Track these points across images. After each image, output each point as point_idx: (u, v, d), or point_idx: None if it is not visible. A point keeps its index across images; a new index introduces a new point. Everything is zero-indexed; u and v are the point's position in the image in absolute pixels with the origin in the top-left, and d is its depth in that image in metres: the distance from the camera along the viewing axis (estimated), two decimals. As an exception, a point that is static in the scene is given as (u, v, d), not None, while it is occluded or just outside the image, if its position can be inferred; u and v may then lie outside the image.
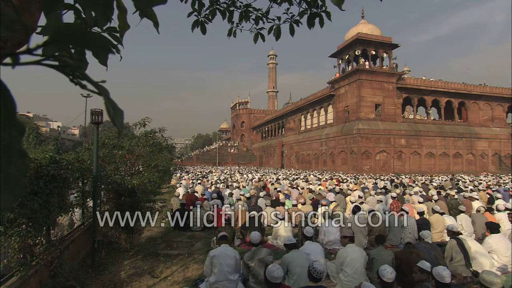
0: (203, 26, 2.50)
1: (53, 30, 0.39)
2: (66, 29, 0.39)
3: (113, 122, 0.45)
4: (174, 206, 9.90)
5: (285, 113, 53.38)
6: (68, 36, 0.39)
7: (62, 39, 0.40)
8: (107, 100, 0.44)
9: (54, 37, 0.39)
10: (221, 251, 4.37)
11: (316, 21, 2.21)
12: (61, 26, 0.40)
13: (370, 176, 23.17)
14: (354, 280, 4.08)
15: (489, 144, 37.03)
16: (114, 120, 0.45)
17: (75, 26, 0.50)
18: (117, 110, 0.45)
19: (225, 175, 23.31)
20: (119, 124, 0.46)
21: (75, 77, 0.44)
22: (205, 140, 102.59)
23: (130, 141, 7.01)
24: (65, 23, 0.42)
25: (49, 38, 0.40)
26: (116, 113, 0.45)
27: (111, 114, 0.44)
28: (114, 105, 0.44)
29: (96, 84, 0.44)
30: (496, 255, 5.09)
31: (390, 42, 33.67)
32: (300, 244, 5.41)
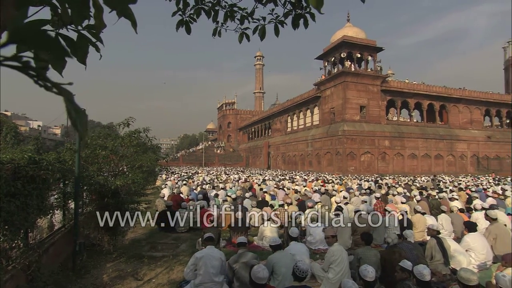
0: (187, 26, 2.48)
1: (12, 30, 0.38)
2: (25, 30, 0.38)
3: (74, 125, 0.44)
4: (159, 207, 9.76)
5: (272, 114, 53.58)
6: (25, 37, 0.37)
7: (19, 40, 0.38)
8: (69, 103, 0.42)
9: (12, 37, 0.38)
10: (207, 253, 4.34)
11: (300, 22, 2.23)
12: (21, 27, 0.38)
13: (355, 177, 23.53)
14: (342, 279, 4.13)
15: (468, 146, 38.29)
16: (76, 124, 0.44)
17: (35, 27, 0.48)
18: (80, 113, 0.43)
19: (211, 176, 23.18)
20: (81, 128, 0.44)
21: (39, 79, 0.42)
22: (191, 140, 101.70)
23: (114, 141, 6.87)
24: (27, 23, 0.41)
25: (6, 38, 0.38)
26: (79, 116, 0.43)
27: (72, 118, 0.42)
28: (77, 108, 0.43)
29: (58, 86, 0.43)
30: (474, 253, 5.26)
31: (374, 45, 34.35)
32: (286, 245, 5.43)
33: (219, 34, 2.71)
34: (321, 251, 6.21)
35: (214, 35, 2.71)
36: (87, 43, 0.71)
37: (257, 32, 2.48)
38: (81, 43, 0.69)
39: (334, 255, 4.36)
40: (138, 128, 7.71)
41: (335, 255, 4.35)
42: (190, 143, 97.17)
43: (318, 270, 4.65)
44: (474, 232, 5.55)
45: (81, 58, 0.63)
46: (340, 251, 4.40)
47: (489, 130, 41.28)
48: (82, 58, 0.63)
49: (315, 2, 0.86)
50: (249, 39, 2.61)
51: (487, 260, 5.23)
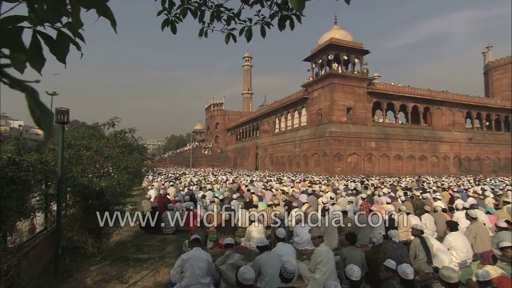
0: (173, 26, 2.45)
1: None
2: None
3: (38, 124, 0.42)
4: (145, 209, 9.63)
5: (260, 115, 53.65)
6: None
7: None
8: (33, 101, 0.41)
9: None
10: (193, 254, 4.31)
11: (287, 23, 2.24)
12: None
13: (341, 177, 23.80)
14: (328, 279, 4.17)
15: (450, 147, 39.34)
16: (40, 123, 0.42)
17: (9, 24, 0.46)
18: (45, 112, 0.42)
19: (199, 177, 23.01)
20: (46, 127, 0.42)
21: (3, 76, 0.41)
22: (178, 141, 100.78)
23: (99, 141, 6.73)
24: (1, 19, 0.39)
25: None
26: (44, 115, 0.41)
27: (36, 116, 0.41)
28: (42, 106, 0.41)
29: (21, 83, 0.41)
30: (455, 251, 5.40)
31: (361, 48, 34.89)
32: (273, 246, 5.45)
33: (205, 34, 2.69)
34: (308, 251, 6.25)
35: (200, 35, 2.68)
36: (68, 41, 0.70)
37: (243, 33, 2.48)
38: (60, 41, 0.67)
39: (321, 255, 4.39)
40: (124, 129, 7.58)
41: (322, 255, 4.39)
42: (177, 143, 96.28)
43: (305, 270, 4.68)
44: (456, 231, 5.70)
45: (61, 56, 0.61)
46: (327, 252, 4.44)
47: (470, 132, 42.51)
48: (61, 57, 0.61)
49: (297, 4, 0.87)
50: (235, 40, 2.60)
51: (468, 258, 5.39)
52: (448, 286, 3.26)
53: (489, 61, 53.54)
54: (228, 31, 2.57)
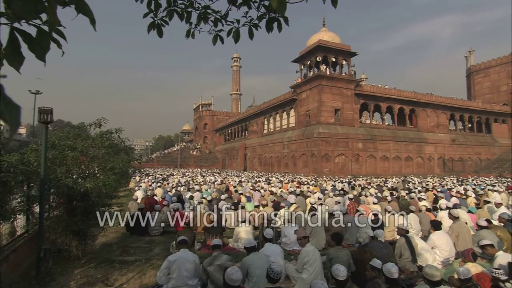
0: (159, 29, 2.42)
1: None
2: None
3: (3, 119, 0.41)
4: (131, 210, 9.49)
5: (249, 116, 53.66)
6: None
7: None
8: None
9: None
10: (180, 256, 4.27)
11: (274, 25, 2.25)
12: None
13: (329, 178, 24.03)
14: (315, 279, 4.20)
15: (435, 148, 40.27)
16: (5, 117, 0.41)
17: None
18: (11, 106, 0.40)
19: (187, 178, 22.83)
20: (12, 122, 0.41)
21: None
22: (166, 141, 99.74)
23: (84, 142, 6.61)
24: None
25: None
26: (10, 109, 0.40)
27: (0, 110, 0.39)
28: (8, 100, 0.40)
29: None
30: (438, 250, 5.53)
31: (349, 50, 35.35)
32: (261, 246, 5.45)
33: (192, 36, 2.67)
34: (295, 252, 6.28)
35: (187, 36, 2.66)
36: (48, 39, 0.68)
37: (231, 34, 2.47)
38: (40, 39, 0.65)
39: (307, 255, 4.42)
40: (110, 129, 7.46)
41: (308, 255, 4.42)
42: (165, 144, 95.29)
43: (292, 271, 4.70)
44: (439, 231, 5.83)
45: (40, 54, 0.59)
46: (313, 252, 4.48)
47: (453, 134, 43.61)
48: (40, 55, 0.59)
49: (278, 6, 0.87)
50: (223, 42, 2.59)
51: (450, 256, 5.52)
52: (431, 284, 3.34)
53: (471, 65, 55.06)
54: (215, 33, 2.56)
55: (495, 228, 6.14)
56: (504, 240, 5.79)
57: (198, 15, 2.41)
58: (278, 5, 0.86)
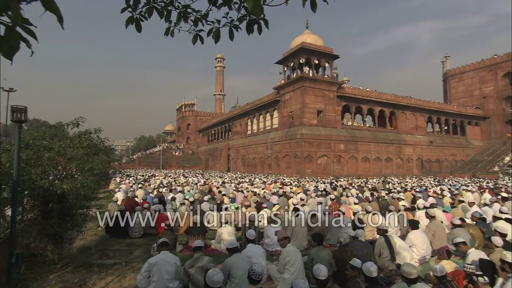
0: (138, 24, 2.38)
1: None
2: None
3: None
4: (111, 212, 9.26)
5: (232, 117, 53.54)
6: None
7: None
8: None
9: None
10: (161, 258, 4.21)
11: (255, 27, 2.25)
12: None
13: (312, 179, 24.30)
14: (297, 278, 4.23)
15: (413, 149, 41.53)
16: None
17: None
18: None
19: (169, 179, 22.51)
20: None
21: None
22: (148, 142, 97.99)
23: (61, 142, 6.39)
24: None
25: None
26: None
27: None
28: None
29: None
30: (416, 248, 5.70)
31: (331, 53, 35.93)
32: (243, 247, 5.44)
33: (171, 34, 2.63)
34: (278, 252, 6.30)
35: (166, 34, 2.62)
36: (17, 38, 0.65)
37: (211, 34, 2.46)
38: (8, 37, 0.62)
39: (288, 255, 4.46)
40: (89, 129, 7.25)
41: (289, 255, 4.45)
42: (147, 144, 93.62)
43: (274, 271, 4.72)
44: (417, 230, 6.01)
45: (8, 53, 0.56)
46: (294, 252, 4.51)
47: (431, 136, 45.14)
48: (8, 54, 0.56)
49: (254, 8, 0.88)
50: (202, 42, 2.57)
51: (427, 254, 5.70)
52: (408, 281, 3.44)
53: (447, 69, 57.15)
54: (195, 32, 2.54)
55: (468, 226, 6.40)
56: (476, 237, 6.04)
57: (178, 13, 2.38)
58: (253, 7, 0.86)
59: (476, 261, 4.37)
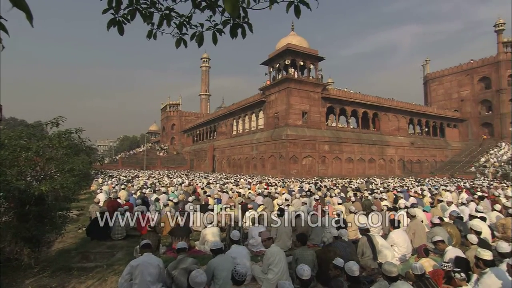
0: (120, 26, 2.33)
1: None
2: None
3: None
4: (93, 214, 9.04)
5: (217, 117, 53.28)
6: None
7: None
8: None
9: None
10: (144, 260, 4.14)
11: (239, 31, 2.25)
12: None
13: (296, 179, 24.48)
14: (281, 279, 4.25)
15: (396, 151, 42.53)
16: None
17: None
18: None
19: (153, 180, 22.17)
20: None
21: None
22: (132, 142, 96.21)
23: (40, 142, 6.18)
24: None
25: None
26: None
27: None
28: None
29: None
30: (397, 247, 5.83)
31: (316, 54, 36.34)
32: (228, 248, 5.43)
33: (154, 37, 2.59)
34: (262, 253, 6.30)
35: (149, 37, 2.57)
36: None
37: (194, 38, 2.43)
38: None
39: (272, 256, 4.47)
40: (69, 128, 7.04)
41: (273, 256, 4.47)
42: (130, 145, 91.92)
43: (258, 272, 4.73)
44: (398, 229, 6.16)
45: None
46: (277, 252, 4.53)
47: (412, 137, 46.38)
48: None
49: (231, 9, 0.88)
50: (186, 45, 2.54)
51: (408, 253, 5.85)
52: (389, 280, 3.52)
53: (427, 73, 58.89)
54: (179, 36, 2.50)
55: (446, 225, 6.61)
56: (453, 236, 6.24)
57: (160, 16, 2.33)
58: (232, 9, 0.87)
59: (453, 258, 4.52)
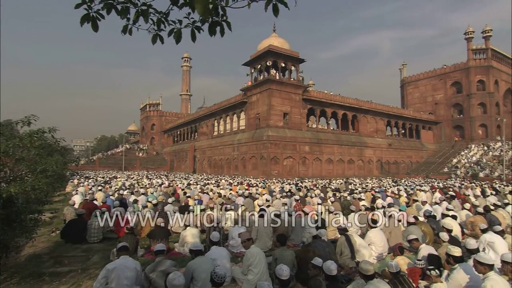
0: (94, 22, 2.25)
1: None
2: None
3: None
4: (67, 216, 8.73)
5: (199, 117, 52.82)
6: None
7: None
8: None
9: None
10: (120, 263, 4.04)
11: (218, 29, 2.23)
12: None
13: (278, 180, 24.64)
14: (261, 279, 4.26)
15: (374, 152, 43.67)
16: None
17: None
18: None
19: (132, 181, 21.66)
20: None
21: None
22: (110, 142, 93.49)
23: (9, 141, 5.89)
24: None
25: None
26: None
27: None
28: None
29: None
30: (374, 246, 5.98)
31: (297, 56, 36.74)
32: (208, 250, 5.38)
33: (129, 32, 2.52)
34: (242, 254, 6.29)
35: (124, 32, 2.51)
36: None
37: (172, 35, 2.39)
38: None
39: (252, 257, 4.48)
40: (42, 128, 6.75)
41: (253, 257, 4.47)
42: (108, 145, 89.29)
43: (238, 273, 4.72)
44: (375, 228, 6.32)
45: None
46: (257, 253, 4.54)
47: (389, 139, 47.81)
48: None
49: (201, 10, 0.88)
50: (163, 41, 2.50)
51: (384, 251, 6.01)
52: (366, 278, 3.61)
53: (404, 76, 60.92)
54: (155, 32, 2.46)
55: (420, 223, 6.85)
56: (427, 234, 6.48)
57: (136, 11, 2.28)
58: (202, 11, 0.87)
59: (426, 256, 4.70)
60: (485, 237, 5.55)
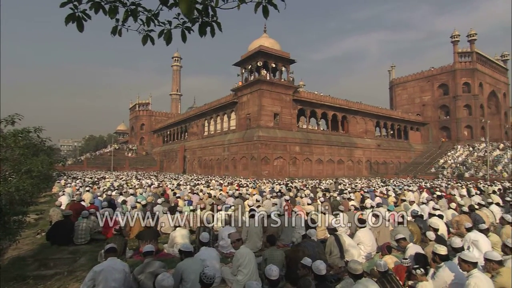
0: (79, 22, 2.19)
1: None
2: None
3: None
4: (53, 218, 8.55)
5: (189, 117, 52.51)
6: None
7: None
8: None
9: None
10: (108, 265, 3.97)
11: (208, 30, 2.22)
12: None
13: (268, 180, 24.68)
14: (250, 279, 4.25)
15: (363, 152, 44.21)
16: None
17: None
18: None
19: (120, 181, 21.37)
20: None
21: None
22: (98, 142, 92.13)
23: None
24: None
25: None
26: None
27: None
28: None
29: None
30: (363, 245, 6.05)
31: (288, 57, 36.90)
32: (197, 251, 5.35)
33: (119, 33, 2.48)
34: (232, 254, 6.28)
35: (113, 33, 2.46)
36: None
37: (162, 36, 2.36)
38: None
39: (241, 257, 4.47)
40: (27, 127, 6.61)
41: (242, 257, 4.47)
42: (97, 145, 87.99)
43: (228, 274, 4.71)
44: (364, 228, 6.39)
45: None
46: (247, 254, 4.54)
47: (378, 139, 48.46)
48: None
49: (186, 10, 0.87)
50: (153, 42, 2.47)
51: (373, 251, 6.09)
52: (355, 277, 3.65)
53: (392, 78, 61.86)
54: (145, 32, 2.43)
55: (408, 223, 6.96)
56: (414, 233, 6.59)
57: (125, 11, 2.24)
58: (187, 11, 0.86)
59: (413, 255, 4.78)
60: (470, 235, 5.67)
